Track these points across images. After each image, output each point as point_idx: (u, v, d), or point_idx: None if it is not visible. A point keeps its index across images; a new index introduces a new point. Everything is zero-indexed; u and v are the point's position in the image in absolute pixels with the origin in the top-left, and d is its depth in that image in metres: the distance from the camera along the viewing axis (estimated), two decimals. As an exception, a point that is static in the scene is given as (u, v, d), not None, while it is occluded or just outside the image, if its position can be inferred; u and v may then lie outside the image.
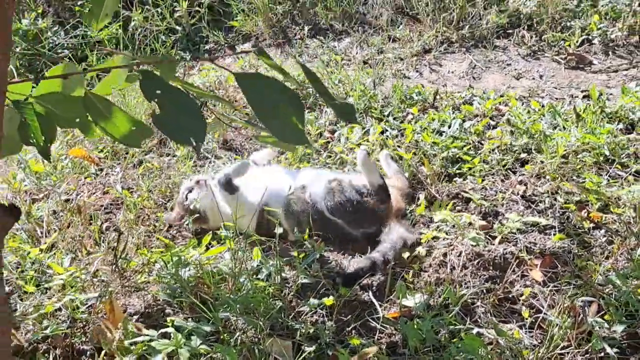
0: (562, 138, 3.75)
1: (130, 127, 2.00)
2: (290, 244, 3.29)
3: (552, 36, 5.38)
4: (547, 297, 2.79)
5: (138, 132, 2.02)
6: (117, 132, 2.01)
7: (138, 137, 2.04)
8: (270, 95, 1.87)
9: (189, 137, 1.86)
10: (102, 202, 3.68)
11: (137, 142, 2.07)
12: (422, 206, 3.46)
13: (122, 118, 1.98)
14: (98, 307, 2.80)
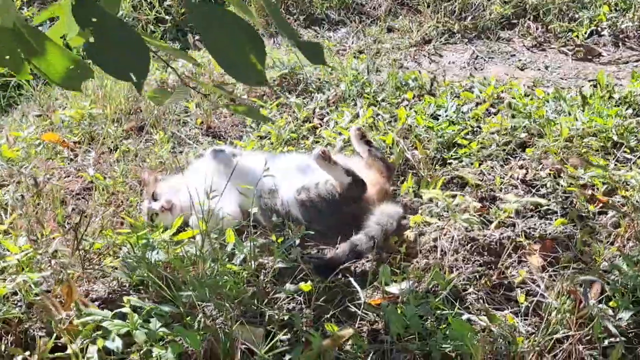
0: (567, 122, 3.50)
1: (67, 66, 1.75)
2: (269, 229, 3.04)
3: (559, 26, 5.14)
4: (545, 281, 2.53)
5: (77, 71, 1.77)
6: (53, 71, 1.76)
7: (77, 78, 1.80)
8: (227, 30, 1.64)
9: (128, 72, 1.62)
10: (74, 187, 3.44)
11: (75, 83, 1.82)
12: (409, 181, 3.20)
13: (57, 55, 1.74)
14: (55, 291, 2.55)
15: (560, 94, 3.91)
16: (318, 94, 4.30)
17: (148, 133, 3.96)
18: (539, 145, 3.41)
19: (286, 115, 4.04)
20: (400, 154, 3.43)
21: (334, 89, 4.29)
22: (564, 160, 3.25)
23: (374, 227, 2.84)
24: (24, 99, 4.73)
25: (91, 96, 4.26)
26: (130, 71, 1.61)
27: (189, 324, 2.37)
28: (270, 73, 4.50)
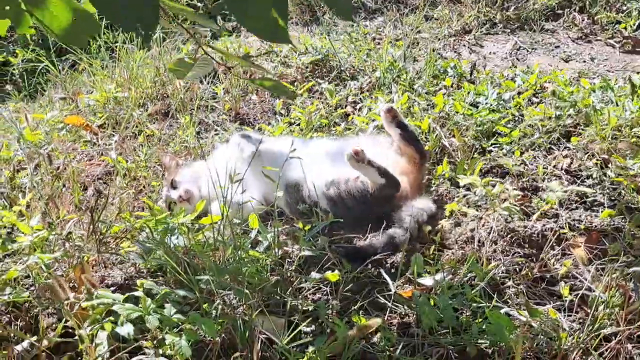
0: (615, 111, 3.29)
1: (71, 18, 1.61)
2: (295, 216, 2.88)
3: (605, 17, 4.91)
4: (591, 273, 2.33)
5: (82, 25, 1.62)
6: (56, 24, 1.62)
7: (82, 32, 1.65)
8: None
9: (134, 23, 1.47)
10: (95, 171, 3.32)
11: (81, 38, 1.67)
12: (444, 165, 3.02)
13: (61, 6, 1.60)
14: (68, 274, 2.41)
15: (608, 83, 3.69)
16: (352, 81, 4.13)
17: (173, 118, 3.82)
18: (585, 135, 3.20)
19: (317, 101, 3.87)
20: (437, 141, 3.24)
21: (368, 76, 4.13)
22: (611, 150, 3.04)
23: (407, 219, 2.67)
24: (51, 85, 4.63)
25: (117, 79, 4.14)
26: (137, 21, 1.46)
27: (206, 311, 2.22)
28: (303, 59, 4.36)
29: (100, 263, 2.61)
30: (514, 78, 4.01)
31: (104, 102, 3.91)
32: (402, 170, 2.88)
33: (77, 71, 4.60)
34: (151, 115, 3.84)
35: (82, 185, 3.17)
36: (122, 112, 3.81)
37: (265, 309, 2.26)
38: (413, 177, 2.91)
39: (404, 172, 2.89)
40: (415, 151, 2.95)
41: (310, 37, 4.95)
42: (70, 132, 3.66)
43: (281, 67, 4.37)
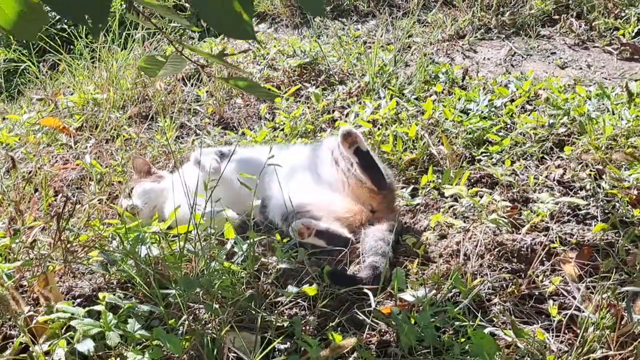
0: (611, 120, 3.17)
1: (19, 10, 1.48)
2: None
3: (603, 24, 4.80)
4: (581, 292, 2.20)
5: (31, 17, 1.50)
6: (4, 17, 1.49)
7: (32, 25, 1.52)
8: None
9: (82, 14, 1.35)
10: (70, 175, 3.20)
11: (30, 31, 1.55)
12: (429, 174, 2.89)
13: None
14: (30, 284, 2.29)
15: (604, 91, 3.58)
16: (340, 85, 4.02)
17: (154, 120, 3.71)
18: (579, 144, 3.08)
19: (303, 105, 3.76)
20: (424, 149, 3.12)
21: (357, 80, 4.01)
22: (606, 161, 2.92)
23: (379, 245, 2.55)
24: (31, 85, 4.51)
25: (96, 81, 4.02)
26: (85, 12, 1.34)
27: (172, 326, 2.09)
28: (290, 62, 4.23)
29: (68, 273, 2.49)
30: (508, 84, 3.89)
31: (83, 104, 3.79)
32: (365, 196, 2.77)
33: (57, 71, 4.49)
34: (131, 118, 3.72)
35: (55, 190, 3.05)
36: (101, 114, 3.69)
37: (237, 325, 2.14)
38: (377, 203, 2.78)
39: (366, 198, 2.77)
40: (372, 183, 2.72)
41: (300, 40, 4.83)
42: (46, 134, 3.54)
43: (268, 70, 4.26)
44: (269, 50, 4.47)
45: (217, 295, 2.19)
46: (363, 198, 2.75)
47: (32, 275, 2.33)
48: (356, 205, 2.75)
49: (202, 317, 2.22)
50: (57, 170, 3.17)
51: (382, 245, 2.53)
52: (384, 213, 2.76)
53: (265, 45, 4.65)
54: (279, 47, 4.49)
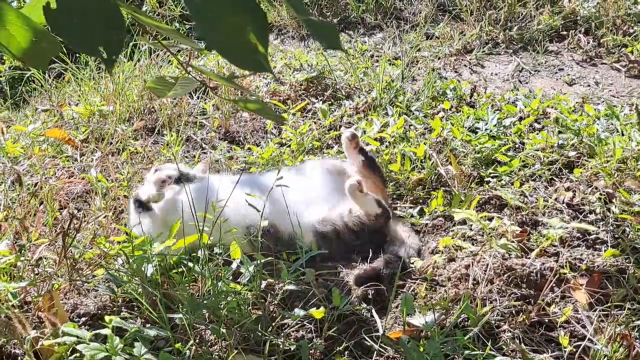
0: (620, 142, 3.14)
1: (31, 38, 1.45)
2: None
3: (612, 40, 4.78)
4: (593, 323, 2.17)
5: (42, 45, 1.47)
6: (15, 44, 1.46)
7: (43, 53, 1.49)
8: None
9: (96, 46, 1.32)
10: (75, 189, 3.17)
11: (42, 60, 1.52)
12: (439, 199, 2.87)
13: (19, 24, 1.43)
14: (36, 302, 2.26)
15: (613, 111, 3.55)
16: (347, 100, 3.99)
17: (160, 134, 3.68)
18: (589, 166, 3.05)
19: (310, 121, 3.73)
20: (432, 168, 3.10)
21: (364, 95, 3.98)
22: (616, 184, 2.89)
23: (400, 250, 2.61)
24: (37, 94, 4.49)
25: (102, 92, 3.99)
26: (99, 44, 1.31)
27: (179, 350, 2.07)
28: (297, 76, 4.21)
29: (73, 290, 2.46)
30: (516, 102, 3.87)
31: (89, 116, 3.76)
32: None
33: (63, 80, 4.46)
34: (136, 131, 3.69)
35: (60, 203, 3.02)
36: (107, 126, 3.66)
37: (244, 347, 2.12)
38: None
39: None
40: (378, 177, 2.93)
41: (306, 53, 4.81)
42: (51, 145, 3.51)
43: (274, 84, 4.23)
44: (276, 64, 4.45)
45: (223, 317, 2.17)
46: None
47: (37, 293, 2.31)
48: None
49: (209, 339, 2.20)
50: (62, 183, 3.14)
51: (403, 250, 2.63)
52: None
53: (272, 57, 4.63)
54: (286, 61, 4.46)
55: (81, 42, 1.34)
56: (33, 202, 2.87)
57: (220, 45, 1.36)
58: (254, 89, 4.15)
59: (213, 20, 1.32)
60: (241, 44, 1.35)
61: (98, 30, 1.33)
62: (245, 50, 1.36)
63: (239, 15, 1.33)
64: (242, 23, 1.33)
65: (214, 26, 1.32)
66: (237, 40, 1.35)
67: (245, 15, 1.33)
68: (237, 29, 1.33)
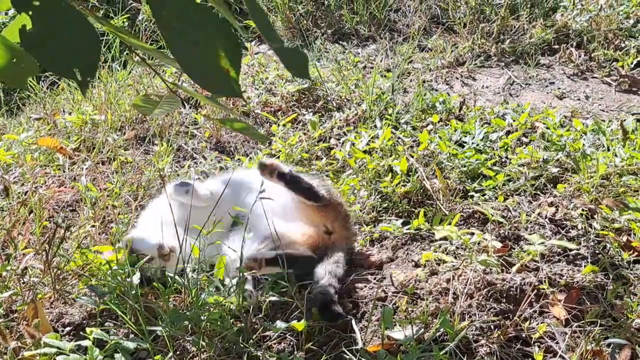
0: (605, 157, 3.18)
1: (9, 58, 1.49)
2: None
3: (603, 54, 4.81)
4: (567, 339, 2.20)
5: (21, 65, 1.50)
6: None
7: (22, 73, 1.53)
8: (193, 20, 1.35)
9: (72, 68, 1.35)
10: (65, 198, 3.20)
11: (20, 79, 1.56)
12: (420, 218, 2.89)
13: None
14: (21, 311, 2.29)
15: (600, 126, 3.59)
16: (337, 112, 4.03)
17: (151, 143, 3.71)
18: (572, 182, 3.09)
19: (299, 133, 3.76)
20: (418, 182, 3.13)
21: (355, 107, 4.02)
22: (598, 200, 2.92)
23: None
24: (31, 102, 4.52)
25: (95, 101, 4.03)
26: (74, 66, 1.34)
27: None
28: (289, 87, 4.24)
29: (59, 299, 2.49)
30: (505, 115, 3.89)
31: (81, 125, 3.79)
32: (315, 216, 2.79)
33: (57, 89, 4.49)
34: (127, 140, 3.72)
35: (49, 213, 3.05)
36: (99, 135, 3.69)
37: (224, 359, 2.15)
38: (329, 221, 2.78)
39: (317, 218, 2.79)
40: (306, 199, 2.75)
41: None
42: (43, 154, 3.54)
43: (266, 95, 4.26)
44: (268, 74, 4.48)
45: (204, 328, 2.20)
46: (315, 219, 2.77)
47: (22, 301, 2.34)
48: (310, 228, 2.77)
49: (190, 350, 2.22)
50: (52, 192, 3.17)
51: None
52: (341, 233, 2.79)
53: (265, 68, 4.65)
54: (278, 72, 4.49)
55: (55, 64, 1.38)
56: (22, 211, 2.89)
57: (191, 69, 1.40)
58: (246, 98, 4.17)
59: (186, 44, 1.35)
60: (213, 69, 1.38)
61: (72, 52, 1.36)
62: (216, 75, 1.39)
63: (213, 40, 1.36)
64: (215, 48, 1.37)
65: (184, 49, 1.36)
66: (209, 65, 1.38)
67: (219, 41, 1.36)
68: (210, 53, 1.37)
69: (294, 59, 1.46)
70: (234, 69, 1.39)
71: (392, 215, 3.08)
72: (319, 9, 5.66)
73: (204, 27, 1.36)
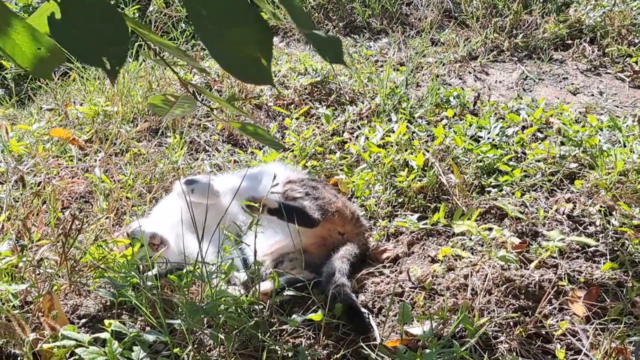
0: (622, 154, 3.15)
1: (36, 48, 1.46)
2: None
3: (616, 50, 4.78)
4: (590, 336, 2.18)
5: (47, 56, 1.48)
6: (20, 53, 1.46)
7: (48, 64, 1.50)
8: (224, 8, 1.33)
9: (100, 56, 1.32)
10: (78, 189, 3.18)
11: (46, 70, 1.52)
12: (441, 212, 2.87)
13: (25, 34, 1.44)
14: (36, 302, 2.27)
15: (615, 122, 3.56)
16: (351, 106, 4.00)
17: (163, 135, 3.69)
18: (590, 178, 3.06)
19: (313, 126, 3.74)
20: (434, 177, 3.10)
21: (368, 101, 3.99)
22: (616, 197, 2.90)
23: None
24: (42, 92, 4.50)
25: (107, 93, 4.00)
26: (103, 55, 1.32)
27: (177, 355, 2.08)
28: (302, 81, 4.22)
29: (74, 291, 2.47)
30: (519, 110, 3.87)
31: (93, 116, 3.77)
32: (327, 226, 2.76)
33: (68, 79, 4.47)
34: (140, 132, 3.69)
35: (63, 204, 3.03)
36: (111, 127, 3.67)
37: (241, 353, 2.13)
38: (339, 227, 2.78)
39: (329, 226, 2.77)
40: (302, 226, 2.63)
41: (311, 57, 4.81)
42: (55, 145, 3.52)
43: (279, 88, 4.24)
44: (280, 67, 4.46)
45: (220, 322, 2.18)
46: (325, 226, 2.75)
47: (38, 293, 2.32)
48: (323, 230, 2.76)
49: (207, 344, 2.20)
50: (65, 184, 3.15)
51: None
52: (353, 231, 2.79)
53: (277, 61, 4.63)
54: (290, 64, 4.47)
55: (85, 53, 1.35)
56: (36, 202, 2.87)
57: (223, 58, 1.37)
58: (258, 92, 4.15)
59: (217, 33, 1.33)
60: (244, 57, 1.35)
61: (102, 41, 1.33)
62: (248, 63, 1.36)
63: (244, 28, 1.34)
64: (246, 36, 1.34)
65: (217, 38, 1.33)
66: (241, 53, 1.35)
67: (250, 28, 1.34)
68: (241, 41, 1.34)
69: (328, 45, 1.43)
70: (265, 57, 1.36)
71: (407, 210, 3.06)
72: (330, 1, 5.65)
73: (234, 14, 1.33)
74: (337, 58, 1.47)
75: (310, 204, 2.70)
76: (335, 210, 2.73)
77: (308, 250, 2.65)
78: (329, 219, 2.72)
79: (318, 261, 2.64)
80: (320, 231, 2.72)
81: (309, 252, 2.66)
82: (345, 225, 2.76)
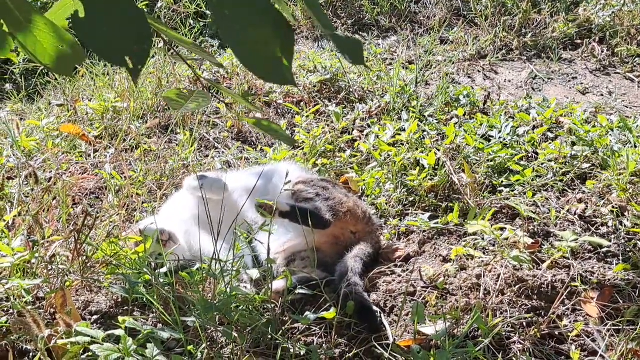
0: (634, 154, 3.14)
1: (58, 46, 1.46)
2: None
3: (626, 50, 4.77)
4: (605, 338, 2.17)
5: (68, 53, 1.47)
6: (41, 50, 1.46)
7: (69, 61, 1.49)
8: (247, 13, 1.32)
9: (123, 55, 1.32)
10: (89, 185, 3.17)
11: (67, 67, 1.51)
12: (455, 212, 2.86)
13: (47, 31, 1.43)
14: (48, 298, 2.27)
15: (626, 123, 3.54)
16: (360, 104, 4.00)
17: (173, 132, 3.68)
18: (602, 179, 3.05)
19: (323, 124, 3.73)
20: (445, 176, 3.10)
21: (377, 99, 3.99)
22: (629, 198, 2.89)
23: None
24: (51, 87, 4.49)
25: (117, 89, 4.00)
26: (126, 54, 1.31)
27: (191, 352, 2.07)
28: (311, 78, 4.21)
29: (86, 287, 2.47)
30: (529, 110, 3.86)
31: (103, 112, 3.76)
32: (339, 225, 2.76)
33: (77, 75, 4.46)
34: (150, 129, 3.69)
35: (73, 199, 3.03)
36: (121, 123, 3.67)
37: (254, 350, 2.13)
38: (352, 226, 2.79)
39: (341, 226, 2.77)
40: (315, 228, 2.66)
41: (320, 55, 4.80)
42: (65, 140, 3.52)
43: (288, 86, 4.22)
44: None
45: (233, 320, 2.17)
46: (338, 226, 2.75)
47: (50, 289, 2.32)
48: (335, 230, 2.76)
49: (220, 342, 2.20)
50: (76, 180, 3.14)
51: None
52: (364, 230, 2.79)
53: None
54: (300, 62, 4.46)
55: (108, 51, 1.34)
56: (47, 198, 2.87)
57: (245, 57, 1.36)
58: (267, 89, 4.14)
59: (240, 32, 1.32)
60: (267, 57, 1.35)
61: (125, 40, 1.32)
62: (270, 63, 1.36)
63: (266, 28, 1.33)
64: (269, 35, 1.33)
65: (240, 37, 1.32)
66: (263, 53, 1.35)
67: (272, 28, 1.33)
68: (264, 41, 1.33)
69: (349, 47, 1.43)
70: (286, 57, 1.36)
71: (418, 209, 3.05)
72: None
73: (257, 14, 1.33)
74: (358, 59, 1.46)
75: (321, 205, 2.70)
76: (346, 210, 2.73)
77: (320, 249, 2.64)
78: (340, 219, 2.71)
79: (330, 260, 2.64)
80: (333, 230, 2.72)
81: (321, 250, 2.65)
82: (358, 225, 2.76)
